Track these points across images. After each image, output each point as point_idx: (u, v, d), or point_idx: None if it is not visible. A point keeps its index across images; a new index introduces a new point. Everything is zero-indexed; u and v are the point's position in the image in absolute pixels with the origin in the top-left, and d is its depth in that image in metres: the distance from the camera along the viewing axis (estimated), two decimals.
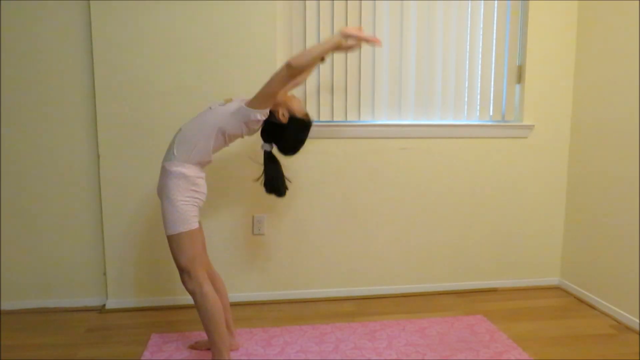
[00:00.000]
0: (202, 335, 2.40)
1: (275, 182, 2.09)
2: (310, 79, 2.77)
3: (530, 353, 2.26)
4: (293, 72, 1.86)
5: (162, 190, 1.94)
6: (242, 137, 2.03)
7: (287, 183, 2.13)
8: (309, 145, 2.77)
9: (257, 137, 2.72)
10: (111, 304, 2.74)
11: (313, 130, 2.74)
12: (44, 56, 2.58)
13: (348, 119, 2.84)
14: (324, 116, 2.81)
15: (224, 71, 2.66)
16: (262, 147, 2.09)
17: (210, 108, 2.01)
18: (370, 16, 2.78)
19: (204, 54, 2.64)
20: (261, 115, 1.94)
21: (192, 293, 1.96)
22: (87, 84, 2.62)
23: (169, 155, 1.96)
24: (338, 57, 2.78)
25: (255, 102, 1.93)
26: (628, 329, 2.53)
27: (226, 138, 1.99)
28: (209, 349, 2.21)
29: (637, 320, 2.50)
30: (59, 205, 2.69)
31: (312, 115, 2.05)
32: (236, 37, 2.65)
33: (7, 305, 2.71)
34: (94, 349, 2.29)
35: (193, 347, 2.29)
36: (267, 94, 1.91)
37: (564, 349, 2.31)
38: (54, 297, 2.75)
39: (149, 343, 2.34)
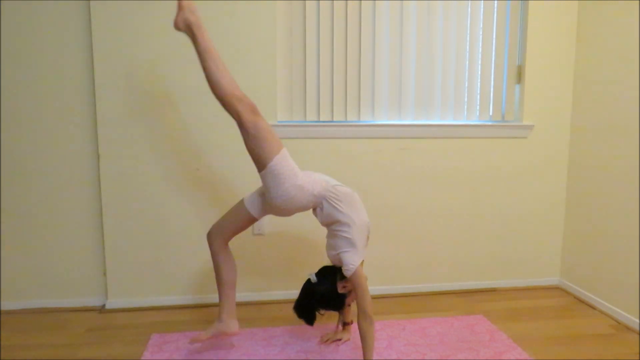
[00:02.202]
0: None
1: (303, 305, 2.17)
2: (311, 79, 2.77)
3: (530, 353, 2.26)
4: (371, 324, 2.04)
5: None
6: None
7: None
8: (309, 145, 2.78)
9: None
10: (111, 304, 2.74)
11: (313, 131, 2.76)
12: (43, 56, 2.58)
13: (348, 119, 2.84)
14: (324, 116, 2.81)
15: None
16: (309, 275, 2.22)
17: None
18: (370, 16, 2.78)
19: None
20: (349, 269, 2.08)
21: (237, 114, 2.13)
22: (87, 83, 2.62)
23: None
24: (338, 56, 2.78)
25: (356, 279, 2.07)
26: (627, 328, 2.53)
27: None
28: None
29: (637, 320, 2.51)
30: (59, 205, 2.68)
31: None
32: (236, 37, 2.65)
33: (7, 305, 2.71)
34: (94, 349, 2.29)
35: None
36: (361, 290, 2.07)
37: (564, 349, 2.31)
38: (54, 297, 2.75)
39: (149, 343, 2.34)
